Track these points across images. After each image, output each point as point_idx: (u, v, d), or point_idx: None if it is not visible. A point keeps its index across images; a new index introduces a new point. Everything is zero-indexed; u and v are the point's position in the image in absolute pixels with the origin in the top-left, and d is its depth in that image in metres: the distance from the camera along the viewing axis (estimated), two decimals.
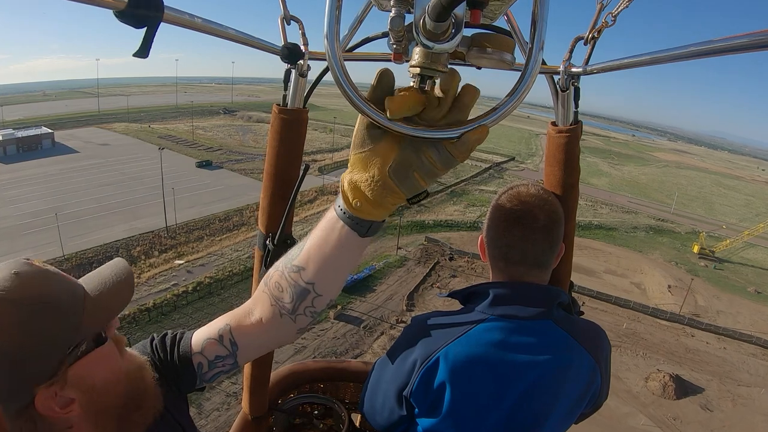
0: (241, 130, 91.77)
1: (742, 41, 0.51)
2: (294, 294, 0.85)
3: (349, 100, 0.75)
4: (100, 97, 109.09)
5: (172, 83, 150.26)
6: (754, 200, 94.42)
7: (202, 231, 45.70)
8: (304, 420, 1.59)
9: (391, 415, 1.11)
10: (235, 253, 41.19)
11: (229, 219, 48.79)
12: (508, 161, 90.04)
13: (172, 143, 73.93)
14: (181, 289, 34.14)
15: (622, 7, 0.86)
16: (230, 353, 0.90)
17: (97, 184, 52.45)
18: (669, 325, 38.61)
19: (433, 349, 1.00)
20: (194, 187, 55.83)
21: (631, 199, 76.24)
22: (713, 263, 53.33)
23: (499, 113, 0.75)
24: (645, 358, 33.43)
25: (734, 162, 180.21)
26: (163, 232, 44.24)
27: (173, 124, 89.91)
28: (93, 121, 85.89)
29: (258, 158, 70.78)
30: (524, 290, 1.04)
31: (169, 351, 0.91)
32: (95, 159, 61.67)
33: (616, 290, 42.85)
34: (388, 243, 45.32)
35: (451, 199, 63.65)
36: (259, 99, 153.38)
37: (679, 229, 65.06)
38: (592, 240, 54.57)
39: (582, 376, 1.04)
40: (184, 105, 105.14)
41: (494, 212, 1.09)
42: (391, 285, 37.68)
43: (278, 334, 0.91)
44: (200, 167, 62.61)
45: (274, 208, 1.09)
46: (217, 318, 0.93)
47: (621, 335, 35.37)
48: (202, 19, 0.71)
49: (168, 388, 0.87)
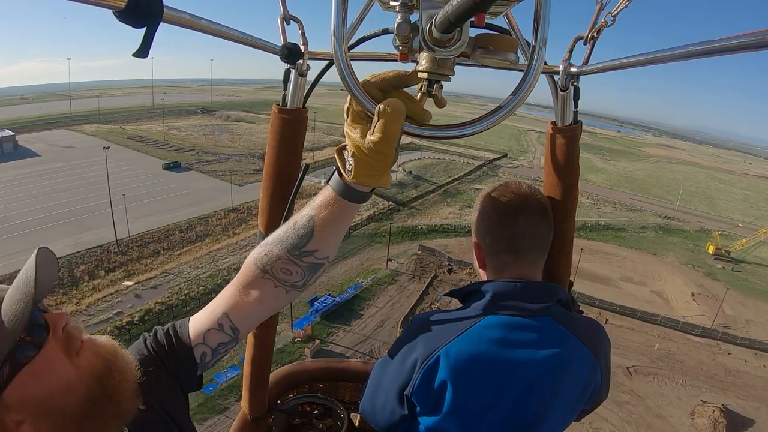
0: (217, 129, 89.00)
1: (741, 41, 0.51)
2: (307, 272, 0.89)
3: (355, 100, 0.78)
4: (79, 100, 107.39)
5: (155, 84, 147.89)
6: (751, 194, 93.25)
7: (159, 244, 39.59)
8: (304, 420, 1.60)
9: (392, 415, 1.11)
10: (195, 271, 34.82)
11: (192, 228, 42.56)
12: (501, 158, 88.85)
13: (140, 144, 70.80)
14: (125, 319, 28.23)
15: (621, 6, 0.86)
16: (233, 338, 0.92)
17: (52, 191, 47.87)
18: (702, 342, 34.23)
19: (434, 348, 1.01)
20: (157, 192, 51.61)
21: (633, 196, 74.30)
22: (731, 264, 50.13)
23: (504, 111, 0.78)
24: (686, 387, 29.00)
25: (721, 156, 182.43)
26: (113, 246, 38.28)
27: (147, 125, 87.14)
28: (64, 123, 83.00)
29: (232, 159, 67.59)
30: (524, 287, 1.04)
31: (167, 346, 0.90)
32: (56, 163, 57.55)
33: (637, 301, 38.46)
34: (377, 254, 39.39)
35: (444, 200, 58.71)
36: (240, 99, 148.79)
37: (687, 227, 62.06)
38: (601, 243, 50.36)
39: (582, 373, 1.05)
40: (160, 105, 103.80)
41: (489, 210, 1.10)
42: (382, 308, 31.68)
43: (281, 303, 0.94)
44: (167, 169, 58.71)
45: (274, 208, 1.09)
46: (207, 307, 0.93)
47: (655, 359, 30.74)
48: (202, 19, 0.72)
49: (166, 384, 0.88)
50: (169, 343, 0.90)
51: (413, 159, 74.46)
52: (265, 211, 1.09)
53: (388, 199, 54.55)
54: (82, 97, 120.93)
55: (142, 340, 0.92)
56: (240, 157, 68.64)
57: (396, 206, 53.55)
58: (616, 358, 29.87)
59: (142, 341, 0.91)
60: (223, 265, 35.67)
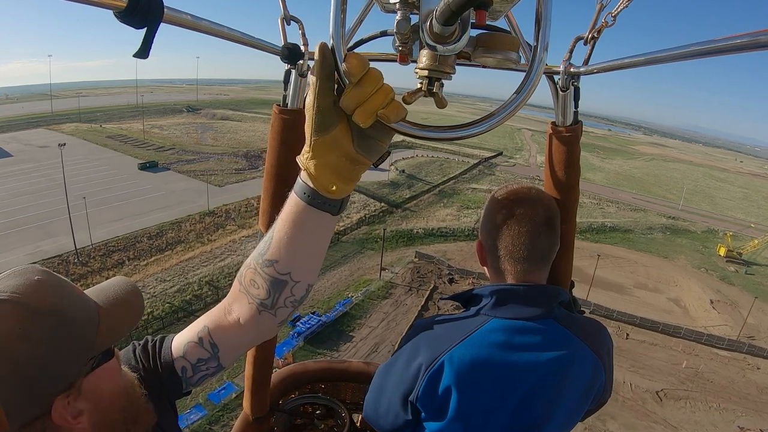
0: (201, 128, 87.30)
1: (742, 41, 0.51)
2: (271, 288, 0.82)
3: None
4: (63, 99, 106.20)
5: (145, 84, 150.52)
6: (750, 193, 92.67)
7: (125, 253, 35.51)
8: (305, 420, 1.61)
9: (396, 420, 1.12)
10: (161, 285, 30.61)
11: (163, 235, 38.40)
12: (496, 156, 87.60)
13: (118, 143, 68.12)
14: None
15: (621, 7, 0.86)
16: (212, 355, 0.89)
17: (18, 193, 44.71)
18: (729, 356, 31.28)
19: (437, 353, 1.01)
20: (129, 194, 47.91)
21: (635, 196, 72.97)
22: (743, 267, 47.84)
23: (507, 111, 0.78)
24: (720, 411, 25.93)
25: (711, 154, 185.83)
26: (74, 256, 34.26)
27: (128, 124, 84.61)
28: (44, 122, 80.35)
29: (213, 158, 64.21)
30: (525, 290, 1.05)
31: (152, 358, 0.91)
32: (28, 163, 54.21)
33: (656, 311, 35.46)
34: (368, 262, 35.56)
35: (440, 201, 55.22)
36: (228, 97, 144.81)
37: (693, 227, 59.96)
38: (611, 246, 47.51)
39: (586, 373, 1.05)
40: (144, 104, 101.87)
41: (493, 213, 1.10)
42: (375, 327, 27.67)
43: (259, 330, 0.90)
44: (143, 169, 55.60)
45: (274, 208, 1.07)
46: (194, 323, 0.93)
47: (684, 380, 27.60)
48: (202, 20, 0.71)
49: (155, 396, 0.88)
50: (154, 354, 0.90)
51: (405, 157, 71.76)
52: (266, 212, 1.09)
53: (380, 200, 50.89)
54: (67, 97, 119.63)
55: (131, 348, 0.92)
56: (222, 156, 65.34)
57: (389, 208, 49.89)
58: (643, 380, 26.72)
59: (131, 350, 0.92)
60: (194, 277, 31.53)
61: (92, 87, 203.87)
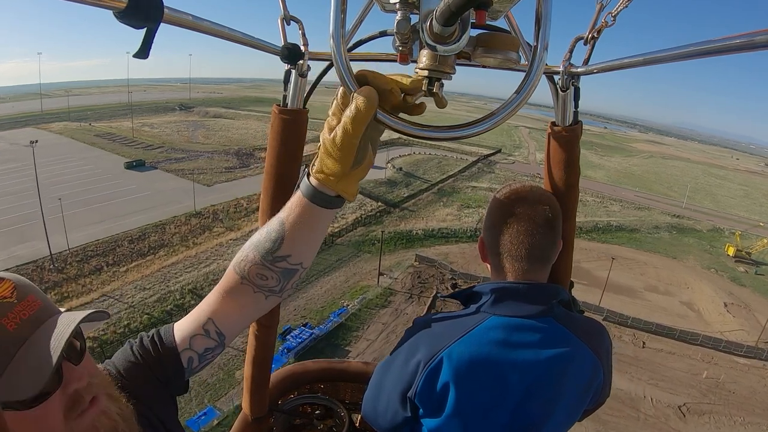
0: (192, 126, 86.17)
1: (741, 41, 0.52)
2: (282, 277, 0.89)
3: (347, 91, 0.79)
4: (54, 98, 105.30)
5: (138, 84, 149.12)
6: (750, 190, 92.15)
7: (103, 258, 33.18)
8: (305, 420, 1.61)
9: (395, 417, 1.13)
10: (141, 293, 28.32)
11: (145, 238, 36.15)
12: (495, 153, 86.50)
13: (106, 142, 66.79)
14: None
15: (621, 7, 0.86)
16: (219, 343, 0.92)
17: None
18: (748, 364, 29.42)
19: (436, 350, 1.02)
20: (113, 194, 45.87)
21: (637, 194, 71.70)
22: (753, 267, 46.44)
23: (508, 110, 0.79)
24: (745, 426, 24.06)
25: (708, 152, 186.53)
26: (49, 262, 31.83)
27: (118, 122, 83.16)
28: (33, 121, 79.77)
29: (203, 156, 62.00)
30: (525, 288, 1.05)
31: (153, 353, 0.90)
32: (12, 163, 52.18)
33: (669, 316, 33.58)
34: (365, 266, 33.42)
35: (440, 200, 53.19)
36: (221, 95, 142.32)
37: (699, 226, 58.55)
38: (618, 246, 45.83)
39: (584, 372, 1.06)
40: (135, 102, 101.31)
41: (495, 210, 1.11)
42: (374, 341, 25.36)
43: (262, 309, 0.94)
44: (129, 168, 54.10)
45: (274, 208, 1.06)
46: (191, 313, 0.94)
47: (705, 391, 25.72)
48: (203, 20, 0.72)
49: (156, 390, 0.88)
50: (155, 349, 0.90)
51: (402, 155, 69.73)
52: (266, 212, 1.09)
53: (376, 200, 48.68)
54: (58, 96, 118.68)
55: (128, 346, 0.92)
56: (212, 154, 63.26)
57: (386, 207, 47.69)
58: (664, 394, 24.78)
59: (129, 348, 0.91)
60: (176, 285, 29.29)
61: (85, 86, 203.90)
